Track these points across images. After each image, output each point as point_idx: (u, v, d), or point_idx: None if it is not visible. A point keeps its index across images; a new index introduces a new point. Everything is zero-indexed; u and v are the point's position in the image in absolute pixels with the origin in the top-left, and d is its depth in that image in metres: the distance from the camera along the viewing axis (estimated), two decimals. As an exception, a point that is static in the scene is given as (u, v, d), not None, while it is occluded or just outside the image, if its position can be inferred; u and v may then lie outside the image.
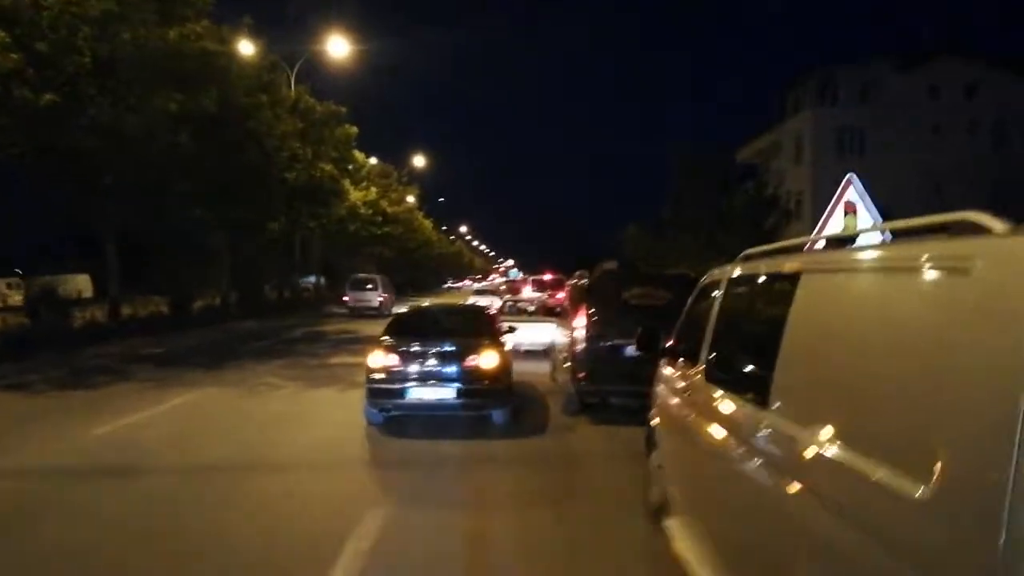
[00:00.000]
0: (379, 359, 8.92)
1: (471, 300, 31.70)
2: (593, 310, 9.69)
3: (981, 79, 40.90)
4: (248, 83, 19.09)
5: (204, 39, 15.65)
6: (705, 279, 5.28)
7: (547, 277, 33.87)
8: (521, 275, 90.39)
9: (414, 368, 8.86)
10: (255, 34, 22.67)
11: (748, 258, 4.45)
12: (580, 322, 9.68)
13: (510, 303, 19.66)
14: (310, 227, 32.29)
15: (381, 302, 31.38)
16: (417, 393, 8.76)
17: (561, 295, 28.47)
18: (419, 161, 57.16)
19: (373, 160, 47.54)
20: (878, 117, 40.29)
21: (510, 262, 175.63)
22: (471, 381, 8.80)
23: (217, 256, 28.85)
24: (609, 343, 9.60)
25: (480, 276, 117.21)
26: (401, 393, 8.76)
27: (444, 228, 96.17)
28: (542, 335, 16.65)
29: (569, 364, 10.01)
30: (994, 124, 40.18)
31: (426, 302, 27.79)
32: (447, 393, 8.76)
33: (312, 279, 50.00)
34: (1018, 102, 39.13)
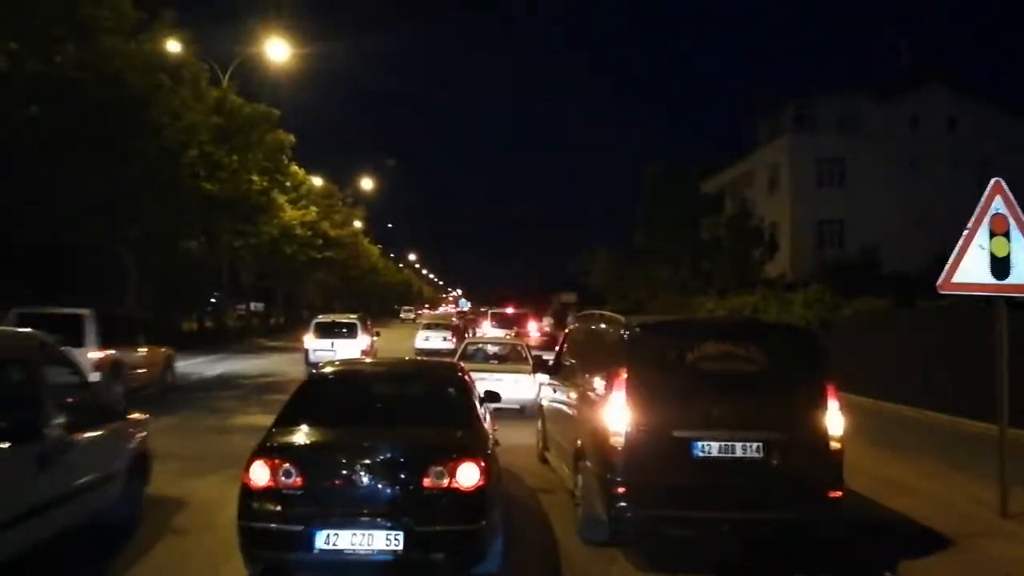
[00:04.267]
0: (263, 474, 4.82)
1: (421, 336, 27.55)
2: (639, 381, 5.79)
3: (963, 111, 39.14)
4: (139, 56, 14.74)
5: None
6: None
7: (510, 310, 29.84)
8: (469, 305, 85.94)
9: (329, 492, 4.81)
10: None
11: None
12: (617, 401, 5.76)
13: (473, 346, 15.59)
14: (235, 247, 27.66)
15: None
16: (333, 539, 4.69)
17: (536, 334, 24.81)
18: (367, 184, 53.03)
19: (318, 180, 43.07)
20: (858, 147, 38.02)
21: (459, 291, 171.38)
22: (432, 519, 4.79)
23: (119, 275, 24.03)
24: (669, 437, 5.71)
25: (427, 305, 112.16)
26: (305, 540, 4.68)
27: (392, 255, 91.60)
28: (519, 388, 12.74)
29: (594, 465, 6.08)
30: (977, 159, 38.24)
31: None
32: (387, 541, 4.71)
33: (244, 306, 45.08)
34: (1001, 136, 37.36)
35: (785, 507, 5.75)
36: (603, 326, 7.14)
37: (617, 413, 5.74)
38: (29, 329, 6.11)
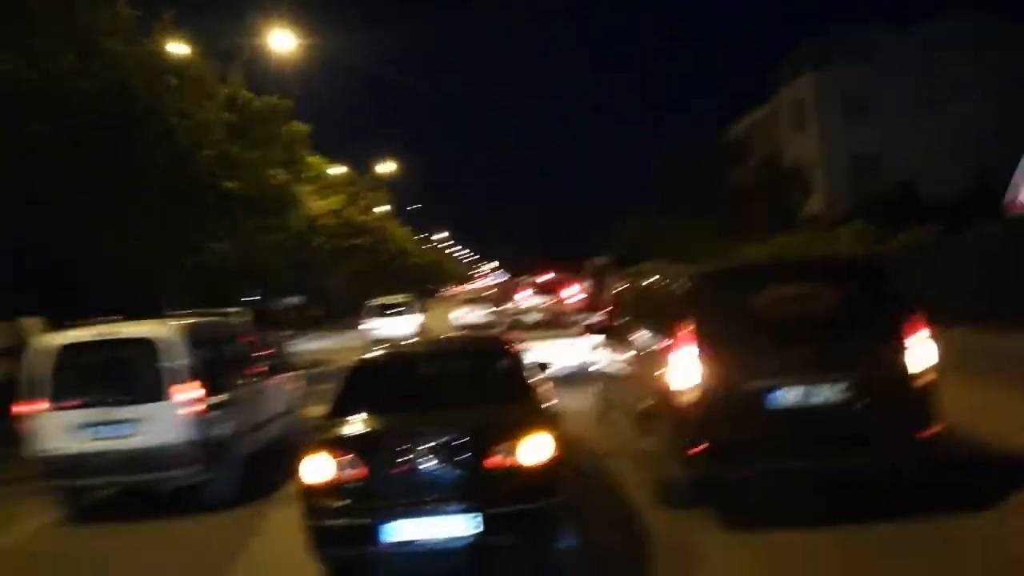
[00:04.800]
0: (322, 468, 4.58)
1: (460, 312, 27.32)
2: (707, 333, 5.41)
3: (990, 33, 37.31)
4: (143, 58, 14.37)
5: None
6: None
7: (546, 278, 29.39)
8: (504, 277, 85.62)
9: (392, 482, 4.56)
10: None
11: None
12: (685, 356, 5.40)
13: (516, 316, 15.33)
14: (262, 244, 27.50)
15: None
16: (403, 529, 4.45)
17: (575, 298, 24.39)
18: (388, 167, 52.64)
19: (342, 169, 42.77)
20: (884, 78, 36.61)
21: (492, 264, 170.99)
22: (504, 499, 4.52)
23: (150, 283, 24.07)
24: (744, 388, 5.35)
25: (463, 282, 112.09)
26: (372, 532, 4.44)
27: (421, 236, 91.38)
28: (568, 354, 12.44)
29: (666, 426, 5.75)
30: (1008, 81, 36.49)
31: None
32: (459, 525, 4.45)
33: (288, 301, 45.57)
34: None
35: (875, 451, 5.39)
36: (659, 280, 6.75)
37: (686, 369, 5.39)
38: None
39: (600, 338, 8.97)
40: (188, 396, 6.87)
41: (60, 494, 7.28)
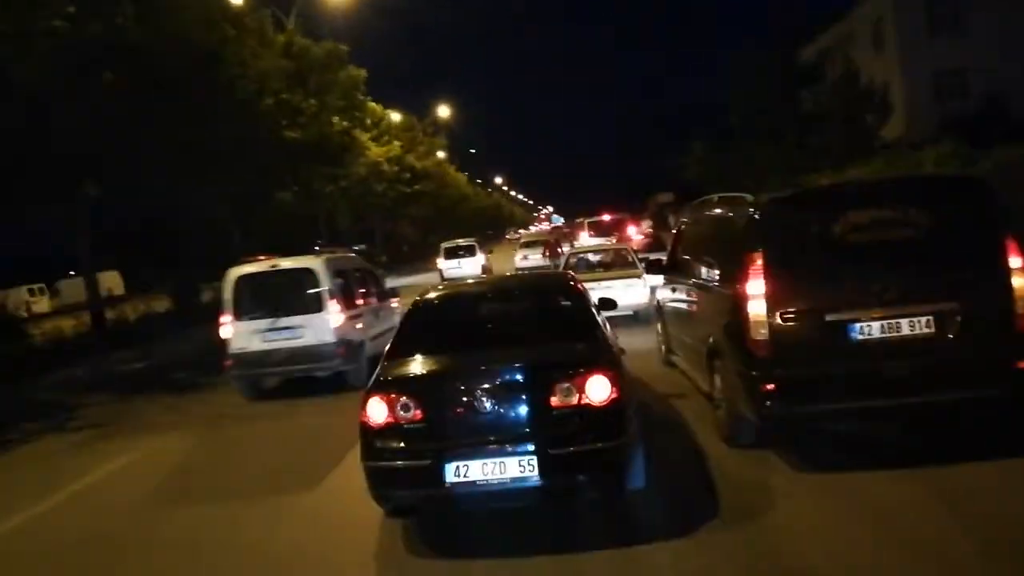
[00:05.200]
0: (381, 411, 4.51)
1: (519, 256, 27.12)
2: (779, 263, 5.08)
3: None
4: (201, 9, 14.42)
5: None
6: None
7: (607, 218, 28.83)
8: (562, 220, 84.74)
9: (452, 422, 4.46)
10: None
11: None
12: (755, 289, 5.09)
13: (576, 257, 15.05)
14: (326, 192, 27.82)
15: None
16: (464, 470, 4.36)
17: (637, 237, 23.98)
18: (443, 111, 52.19)
19: (396, 116, 42.59)
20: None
21: (549, 208, 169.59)
22: (566, 440, 4.37)
23: (225, 237, 24.72)
24: (821, 322, 5.02)
25: (524, 226, 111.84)
26: (434, 474, 4.37)
27: (479, 181, 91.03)
28: (631, 293, 12.29)
29: (735, 363, 5.48)
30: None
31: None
32: (520, 467, 4.33)
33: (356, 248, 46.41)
34: None
35: (965, 385, 4.99)
36: (725, 211, 6.38)
37: (756, 302, 5.08)
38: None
39: (664, 276, 8.66)
40: (335, 309, 9.39)
41: (245, 381, 9.84)
